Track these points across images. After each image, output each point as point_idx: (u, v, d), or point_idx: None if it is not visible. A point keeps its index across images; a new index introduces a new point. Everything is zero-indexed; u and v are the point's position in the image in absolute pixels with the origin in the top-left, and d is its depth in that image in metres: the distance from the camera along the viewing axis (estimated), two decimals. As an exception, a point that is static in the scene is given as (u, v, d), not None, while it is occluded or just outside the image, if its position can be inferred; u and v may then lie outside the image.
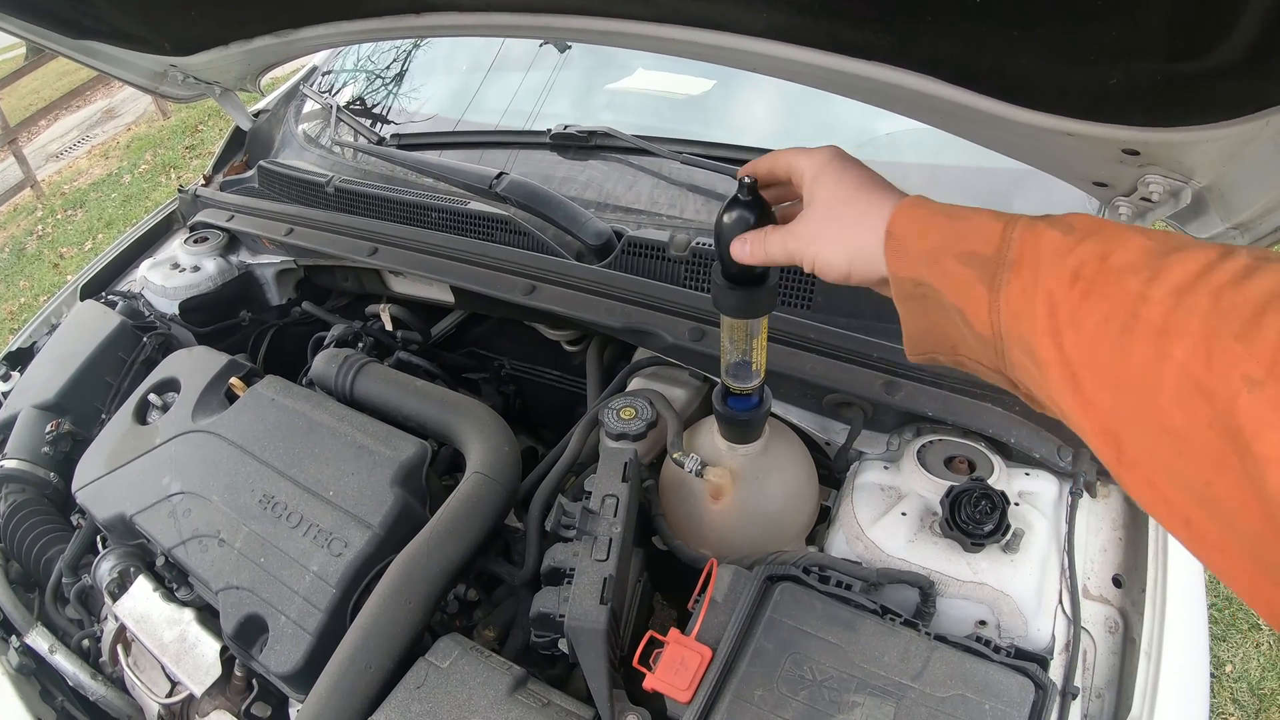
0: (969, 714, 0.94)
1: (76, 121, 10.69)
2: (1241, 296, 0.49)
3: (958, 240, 0.67)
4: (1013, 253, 0.63)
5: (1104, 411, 0.57)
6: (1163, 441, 0.52)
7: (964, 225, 0.68)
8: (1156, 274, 0.54)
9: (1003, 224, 0.65)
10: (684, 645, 1.02)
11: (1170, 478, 0.52)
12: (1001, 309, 0.63)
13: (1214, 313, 0.50)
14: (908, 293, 0.73)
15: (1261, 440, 0.45)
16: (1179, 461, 0.51)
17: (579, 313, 1.51)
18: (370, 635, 1.11)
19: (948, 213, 0.70)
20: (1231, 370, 0.47)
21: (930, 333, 0.74)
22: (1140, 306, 0.53)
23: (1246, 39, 0.64)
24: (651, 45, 1.14)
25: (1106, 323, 0.55)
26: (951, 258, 0.67)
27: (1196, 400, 0.49)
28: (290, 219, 1.98)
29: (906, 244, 0.71)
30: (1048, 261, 0.61)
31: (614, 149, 1.88)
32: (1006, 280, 0.63)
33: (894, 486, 1.22)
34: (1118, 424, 0.56)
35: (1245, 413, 0.46)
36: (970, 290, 0.66)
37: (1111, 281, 0.56)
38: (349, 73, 2.60)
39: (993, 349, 0.66)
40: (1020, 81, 0.86)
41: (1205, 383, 0.49)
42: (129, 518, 1.43)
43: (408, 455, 1.36)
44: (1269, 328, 0.47)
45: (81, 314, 2.01)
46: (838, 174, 0.80)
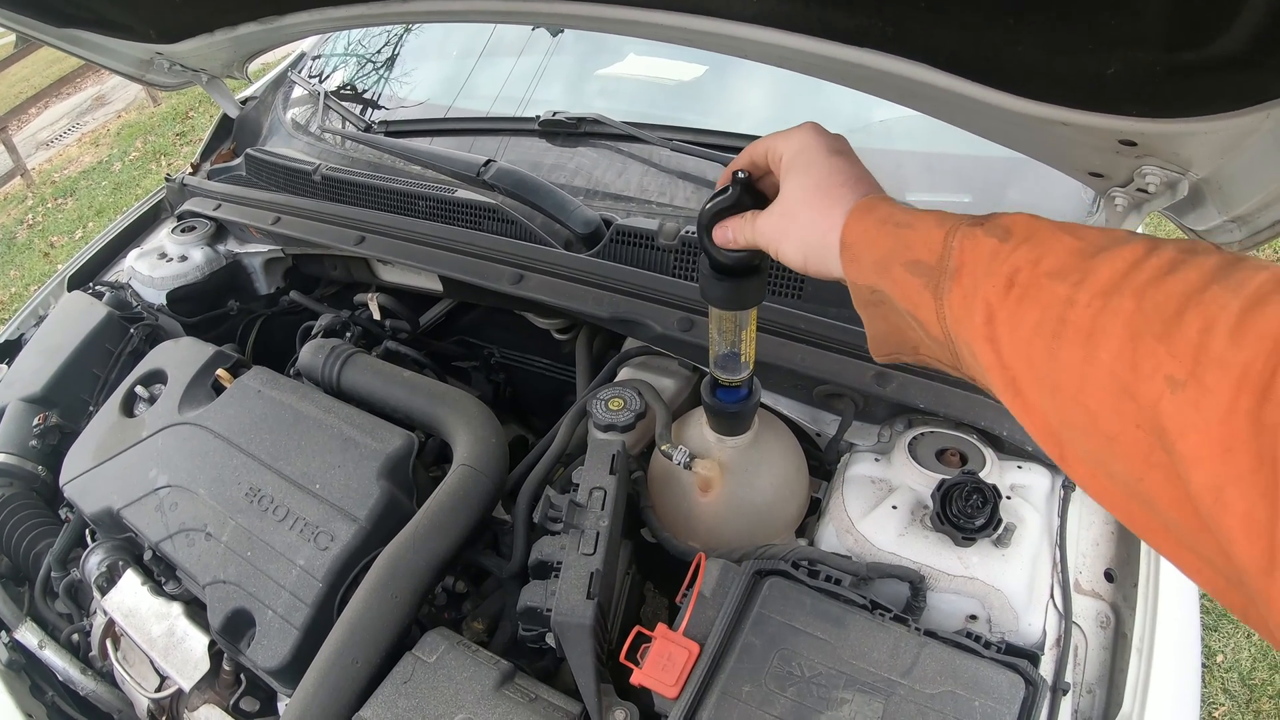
0: (958, 711, 0.93)
1: (67, 109, 10.61)
2: (1163, 294, 0.50)
3: (904, 249, 0.68)
4: (953, 261, 0.64)
5: (1042, 413, 0.58)
6: (1097, 441, 0.53)
7: (909, 234, 0.68)
8: (1084, 276, 0.55)
9: (945, 231, 0.66)
10: (671, 641, 1.01)
11: (1108, 475, 0.54)
12: (947, 316, 0.64)
13: (1137, 314, 0.50)
14: (865, 299, 0.74)
15: (1184, 441, 0.46)
16: (1113, 459, 0.52)
17: (567, 302, 1.50)
18: (357, 630, 1.11)
19: (896, 220, 0.70)
20: (1155, 372, 0.48)
21: (891, 335, 0.76)
22: (1068, 311, 0.54)
23: (1248, 30, 0.63)
24: (643, 31, 1.12)
25: (1039, 328, 0.56)
26: (899, 266, 0.68)
27: (1124, 401, 0.50)
28: (277, 207, 1.96)
29: (859, 254, 0.72)
30: (984, 269, 0.61)
31: (603, 136, 1.86)
32: (949, 289, 0.64)
33: (885, 479, 1.21)
34: (1056, 425, 0.57)
35: (1168, 414, 0.47)
36: (919, 297, 0.66)
37: (1042, 287, 0.57)
38: (338, 58, 2.58)
39: (948, 350, 0.67)
40: (1016, 70, 0.84)
41: (1130, 385, 0.50)
42: (116, 511, 1.42)
43: (394, 447, 1.35)
44: (1189, 326, 0.47)
45: (68, 305, 1.99)
46: (804, 168, 0.80)
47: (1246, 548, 0.43)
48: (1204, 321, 0.47)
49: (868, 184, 0.78)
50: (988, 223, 0.64)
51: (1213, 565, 0.48)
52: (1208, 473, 0.45)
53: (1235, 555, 0.44)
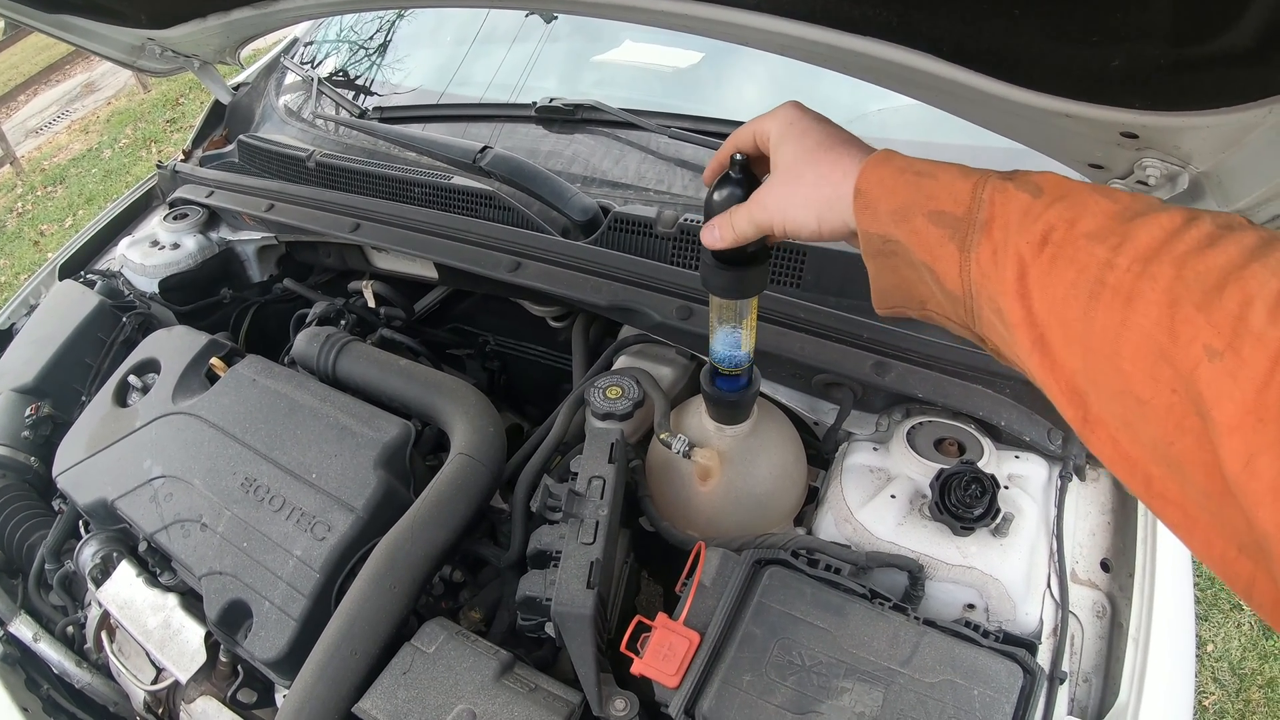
0: (957, 699, 0.94)
1: (56, 96, 10.52)
2: (1204, 265, 0.51)
3: (928, 199, 0.67)
4: (983, 214, 0.64)
5: (1070, 372, 0.58)
6: (1127, 403, 0.54)
7: (933, 184, 0.68)
8: (1123, 240, 0.55)
9: (972, 183, 0.66)
10: (672, 630, 1.01)
11: (1134, 437, 0.55)
12: (973, 269, 0.64)
13: (1177, 281, 0.52)
14: (877, 249, 0.73)
15: (1220, 409, 0.47)
16: (1143, 422, 0.53)
17: (564, 290, 1.49)
18: (355, 621, 1.10)
19: (916, 169, 0.70)
20: (1193, 340, 0.49)
21: (898, 288, 0.75)
22: (1107, 273, 0.55)
23: (1255, 25, 0.62)
24: (639, 17, 1.11)
25: (1074, 288, 0.57)
26: (921, 216, 0.67)
27: (1161, 366, 0.51)
28: (271, 194, 1.95)
29: (875, 201, 0.71)
30: (1017, 224, 0.61)
31: (601, 122, 1.85)
32: (977, 241, 0.64)
33: (883, 468, 1.21)
34: (1083, 384, 0.58)
35: (1205, 381, 0.48)
36: (941, 249, 0.66)
37: (1080, 247, 0.57)
38: (331, 43, 2.56)
39: (963, 306, 0.67)
40: (1019, 61, 0.83)
41: (1168, 350, 0.51)
42: (110, 502, 1.41)
43: (391, 436, 1.34)
44: (1229, 299, 0.49)
45: (60, 294, 1.97)
46: (799, 134, 0.80)
47: (1271, 514, 0.45)
48: (1244, 296, 0.48)
49: (867, 144, 0.79)
50: (1017, 178, 0.64)
51: (1227, 534, 0.49)
52: (1240, 440, 0.46)
53: (1259, 521, 0.45)
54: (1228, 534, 0.49)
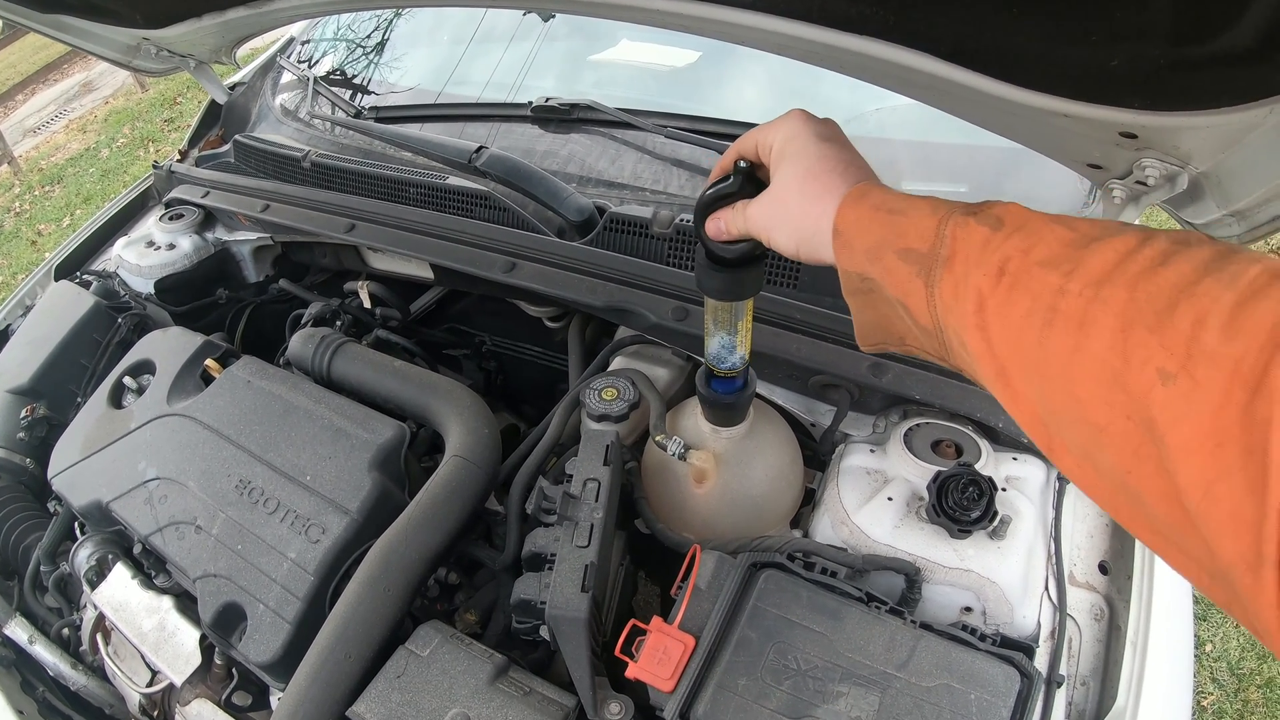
0: (954, 704, 0.93)
1: (54, 95, 10.51)
2: (1155, 286, 0.50)
3: (897, 237, 0.68)
4: (945, 249, 0.64)
5: (1030, 402, 0.58)
6: (1086, 432, 0.53)
7: (902, 221, 0.68)
8: (1076, 266, 0.55)
9: (938, 219, 0.66)
10: (667, 634, 1.01)
11: (1095, 466, 0.53)
12: (937, 304, 0.64)
13: (1130, 304, 0.50)
14: (855, 286, 0.74)
15: (1175, 433, 0.46)
16: (1100, 451, 0.52)
17: (560, 291, 1.48)
18: (349, 624, 1.10)
19: (889, 206, 0.70)
20: (1146, 363, 0.48)
21: (878, 325, 0.75)
22: (1059, 300, 0.54)
23: (1255, 26, 0.62)
24: (636, 16, 1.11)
25: (1029, 316, 0.56)
26: (892, 254, 0.68)
27: (1114, 392, 0.50)
28: (266, 195, 1.94)
29: (851, 240, 0.72)
30: (975, 257, 0.61)
31: (597, 122, 1.84)
32: (940, 276, 0.64)
33: (880, 470, 1.20)
34: (1044, 414, 0.57)
35: (1159, 406, 0.47)
36: (910, 285, 0.66)
37: (1034, 275, 0.56)
38: (327, 43, 2.55)
39: (936, 340, 0.67)
40: (1018, 61, 0.83)
41: (1121, 375, 0.49)
42: (105, 504, 1.41)
43: (386, 438, 1.34)
44: (1181, 318, 0.47)
45: (55, 295, 1.97)
46: (796, 154, 0.79)
47: (1232, 543, 0.43)
48: (1196, 314, 0.47)
49: (859, 169, 0.78)
50: (980, 212, 0.64)
51: (1197, 561, 0.48)
52: (1197, 467, 0.45)
53: (1220, 551, 0.44)
54: (1196, 562, 0.48)
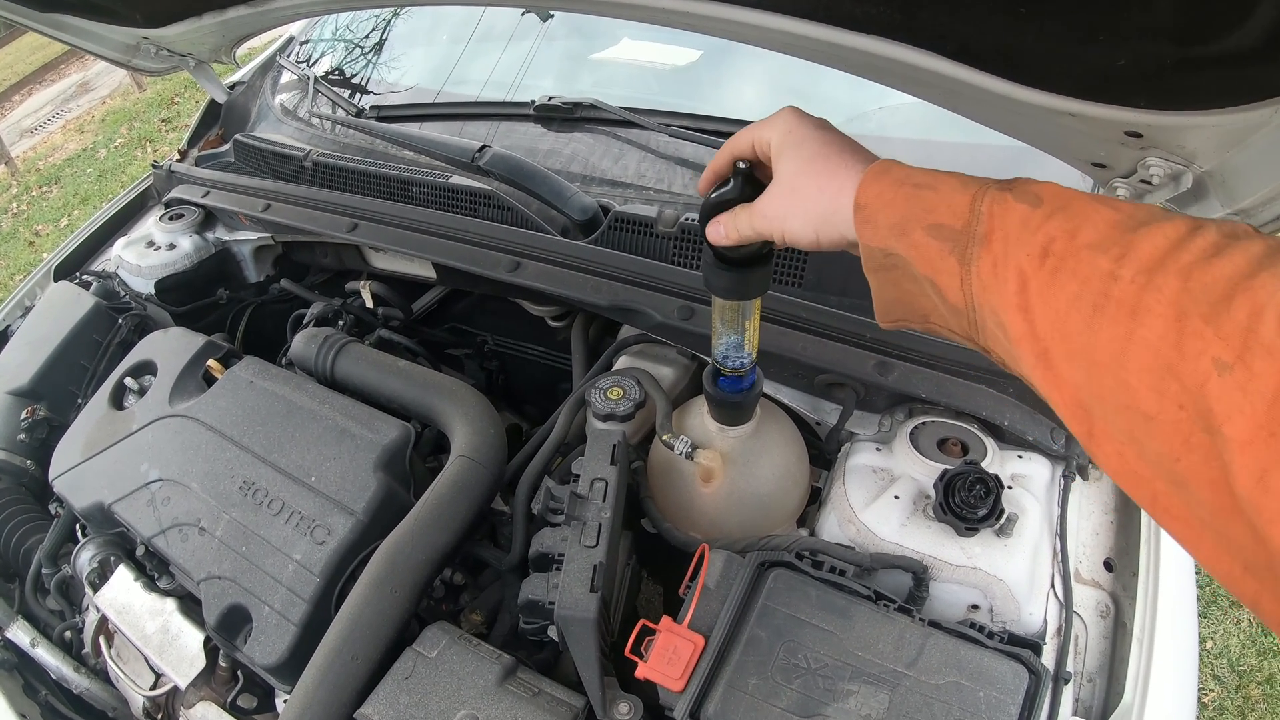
0: (963, 701, 0.93)
1: (51, 96, 10.48)
2: (1210, 277, 0.50)
3: (926, 212, 0.66)
4: (982, 226, 0.63)
5: (1074, 387, 0.57)
6: (1133, 419, 0.52)
7: (931, 196, 0.67)
8: (1126, 251, 0.54)
9: (970, 195, 0.65)
10: (676, 634, 1.01)
11: (1140, 453, 0.53)
12: (973, 282, 0.63)
13: (1183, 293, 0.50)
14: (878, 263, 0.72)
15: (1231, 423, 0.46)
16: (1149, 438, 0.52)
17: (564, 290, 1.48)
18: (356, 625, 1.09)
19: (915, 181, 0.69)
20: (1202, 354, 0.48)
21: (900, 301, 0.74)
22: (1110, 286, 0.54)
23: (1263, 25, 0.62)
24: (638, 15, 1.11)
25: (1077, 301, 0.55)
26: (920, 230, 0.66)
27: (1167, 381, 0.50)
28: (267, 194, 1.94)
29: (874, 215, 0.70)
30: (1016, 236, 0.60)
31: (600, 121, 1.84)
32: (977, 255, 0.62)
33: (886, 469, 1.20)
34: (1088, 399, 0.56)
35: (1215, 396, 0.47)
36: (941, 263, 0.65)
37: (1082, 259, 0.56)
38: (327, 42, 2.55)
39: (966, 319, 0.66)
40: (1024, 60, 0.83)
41: (1175, 365, 0.49)
42: (107, 506, 1.40)
43: (391, 438, 1.33)
44: (1237, 310, 0.48)
45: (55, 296, 1.96)
46: (797, 143, 0.78)
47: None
48: (1253, 306, 0.47)
49: (866, 152, 0.77)
50: (1016, 188, 0.63)
51: (1233, 551, 0.48)
52: (1251, 456, 0.45)
53: (1272, 539, 0.44)
54: (1234, 552, 0.48)
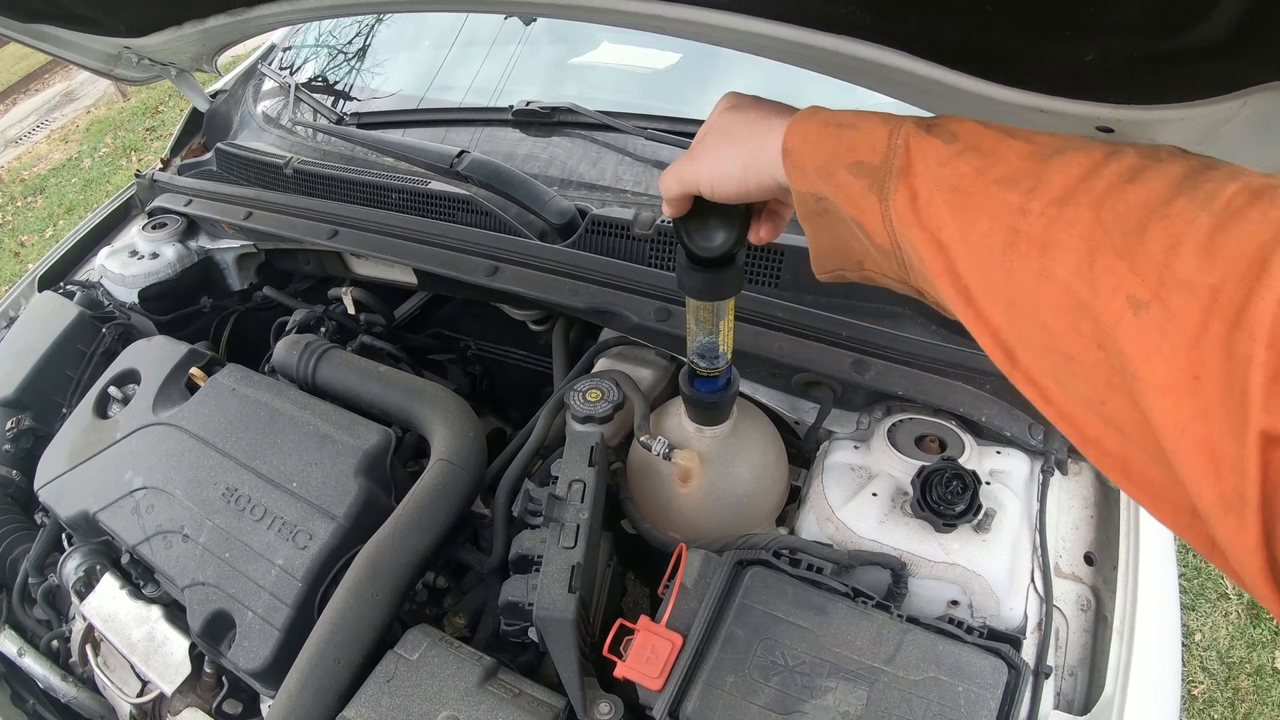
0: (942, 696, 0.94)
1: (35, 106, 10.42)
2: (1124, 204, 0.47)
3: (848, 150, 0.64)
4: (898, 160, 0.61)
5: (995, 326, 0.55)
6: (1054, 360, 0.51)
7: (853, 134, 0.65)
8: (1037, 184, 0.52)
9: (889, 130, 0.63)
10: (654, 633, 1.01)
11: (1066, 393, 0.51)
12: (893, 218, 0.61)
13: (1096, 225, 0.47)
14: (810, 209, 0.70)
15: (1149, 367, 0.43)
16: (1073, 380, 0.50)
17: (542, 294, 1.49)
18: (338, 630, 1.10)
19: (839, 121, 0.67)
20: (1115, 291, 0.45)
21: (835, 249, 0.72)
22: (1020, 220, 0.51)
23: (1228, 17, 0.63)
24: (616, 19, 1.11)
25: (988, 237, 0.53)
26: (843, 169, 0.64)
27: (1082, 320, 0.47)
28: (249, 202, 1.94)
29: (802, 159, 0.68)
30: (931, 171, 0.58)
31: (578, 125, 1.84)
32: (894, 189, 0.60)
33: (864, 466, 1.21)
34: (1009, 338, 0.54)
35: (1130, 337, 0.44)
36: (864, 200, 0.63)
37: (991, 195, 0.54)
38: (309, 50, 2.54)
39: (895, 260, 0.64)
40: (994, 57, 0.84)
41: (1089, 303, 0.47)
42: (92, 515, 1.41)
43: (371, 444, 1.34)
44: (1152, 242, 0.44)
45: (39, 306, 1.96)
46: (734, 103, 0.79)
47: (1212, 486, 0.41)
48: (1170, 237, 0.44)
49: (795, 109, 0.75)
50: (935, 126, 0.61)
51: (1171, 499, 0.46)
52: (1172, 404, 0.43)
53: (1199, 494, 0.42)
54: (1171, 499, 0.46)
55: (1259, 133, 0.78)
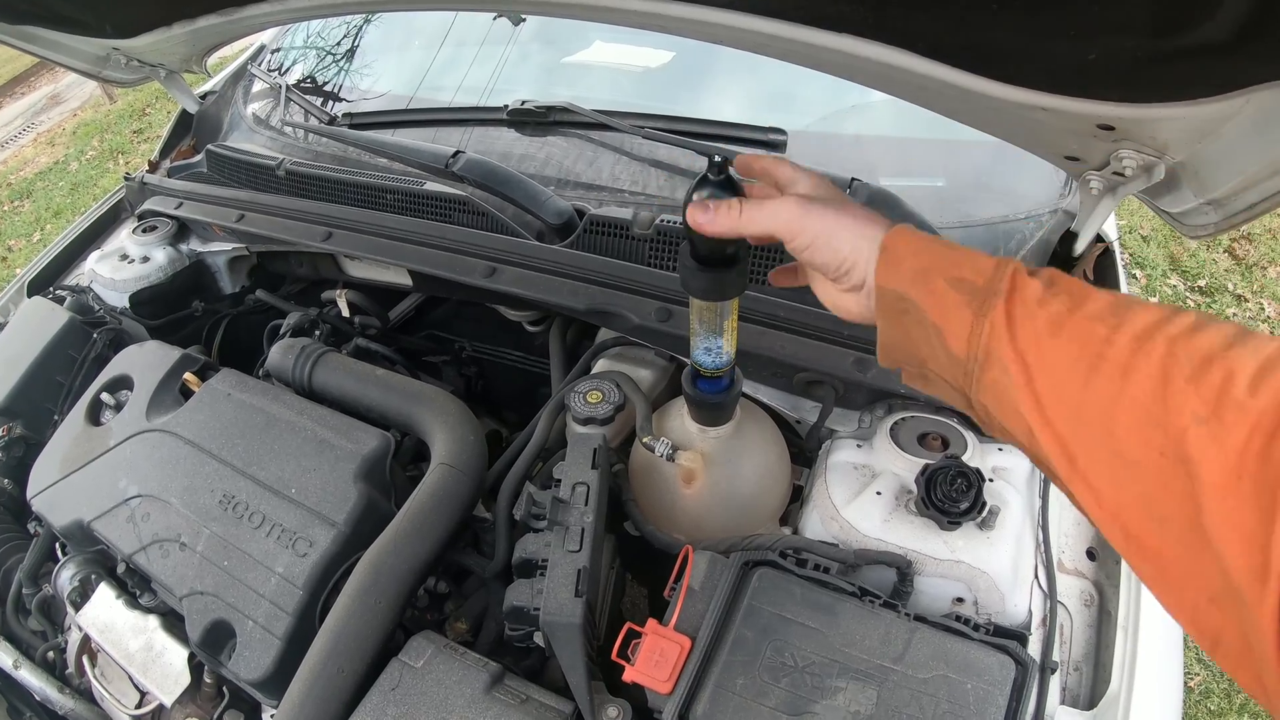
0: (951, 694, 0.94)
1: (21, 109, 10.34)
2: (1193, 346, 0.58)
3: (951, 265, 0.73)
4: (1003, 285, 0.70)
5: (1062, 435, 0.64)
6: (1115, 464, 0.60)
7: (957, 254, 0.74)
8: (1122, 322, 0.63)
9: (995, 261, 0.72)
10: (663, 636, 1.01)
11: (1120, 492, 0.60)
12: (986, 333, 0.69)
13: (1169, 358, 0.59)
14: (891, 305, 0.77)
15: (1205, 468, 0.54)
16: (1131, 481, 0.59)
17: (541, 295, 1.48)
18: (341, 638, 1.09)
19: (943, 241, 0.76)
20: (1183, 408, 0.56)
21: (903, 346, 0.79)
22: (1106, 348, 0.62)
23: (1233, 16, 0.62)
24: (610, 17, 1.10)
25: (1077, 361, 0.63)
26: (942, 280, 0.72)
27: (1152, 431, 0.58)
28: (241, 204, 1.92)
29: (900, 259, 0.76)
30: (1031, 302, 0.68)
31: (573, 124, 1.83)
32: (994, 306, 0.69)
33: (867, 465, 1.21)
34: (1074, 446, 0.64)
35: (1193, 444, 0.55)
36: (955, 312, 0.71)
37: (1083, 326, 0.64)
38: (298, 50, 2.52)
39: (962, 369, 0.72)
40: (996, 56, 0.83)
41: (1160, 417, 0.57)
42: (87, 524, 1.39)
43: (370, 448, 1.33)
44: (1214, 374, 0.56)
45: (29, 312, 1.93)
46: (819, 183, 0.85)
47: (1244, 559, 0.51)
48: (1227, 372, 0.56)
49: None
50: (1037, 271, 0.71)
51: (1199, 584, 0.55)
52: (1219, 495, 0.53)
53: (1232, 567, 0.52)
54: (1200, 585, 0.55)
55: (1260, 131, 0.78)
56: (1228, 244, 4.38)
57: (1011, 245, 1.43)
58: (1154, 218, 4.47)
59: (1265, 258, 4.28)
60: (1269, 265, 4.24)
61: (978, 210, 1.48)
